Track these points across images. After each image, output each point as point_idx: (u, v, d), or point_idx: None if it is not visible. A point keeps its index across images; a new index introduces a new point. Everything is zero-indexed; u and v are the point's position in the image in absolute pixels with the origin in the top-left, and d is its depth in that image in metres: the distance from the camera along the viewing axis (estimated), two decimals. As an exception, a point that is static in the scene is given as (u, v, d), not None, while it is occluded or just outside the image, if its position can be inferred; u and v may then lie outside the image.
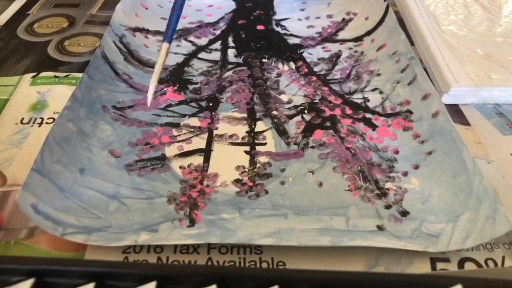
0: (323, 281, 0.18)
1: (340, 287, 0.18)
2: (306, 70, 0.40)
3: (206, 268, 0.22)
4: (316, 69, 0.40)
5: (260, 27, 0.46)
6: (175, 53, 0.42)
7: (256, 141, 0.33)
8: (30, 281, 0.19)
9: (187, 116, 0.35)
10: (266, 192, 0.29)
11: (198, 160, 0.31)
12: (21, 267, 0.19)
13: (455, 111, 0.36)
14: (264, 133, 0.33)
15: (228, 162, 0.31)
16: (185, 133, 0.33)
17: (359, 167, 0.30)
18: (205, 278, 0.18)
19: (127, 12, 0.44)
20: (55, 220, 0.25)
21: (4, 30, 0.46)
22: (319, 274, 0.19)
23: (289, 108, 0.36)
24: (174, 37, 0.44)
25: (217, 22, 0.47)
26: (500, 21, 0.45)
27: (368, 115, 0.35)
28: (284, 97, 0.37)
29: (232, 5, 0.49)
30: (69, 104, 0.31)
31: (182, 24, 0.46)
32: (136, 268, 0.20)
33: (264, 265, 0.25)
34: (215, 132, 0.33)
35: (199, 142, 0.33)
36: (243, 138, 0.33)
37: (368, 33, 0.43)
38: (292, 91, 0.37)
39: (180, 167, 0.30)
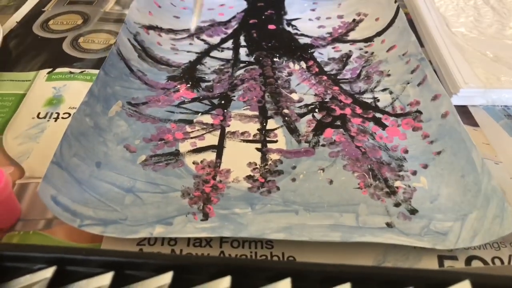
0: (335, 274, 0.19)
1: (350, 280, 0.19)
2: (317, 69, 0.40)
3: (222, 259, 0.23)
4: (326, 68, 0.41)
5: (271, 27, 0.47)
6: (188, 51, 0.42)
7: (268, 139, 0.33)
8: (51, 269, 0.19)
9: (200, 113, 0.35)
10: (278, 188, 0.29)
11: (211, 156, 0.32)
12: (43, 255, 0.20)
13: (464, 112, 0.36)
14: (275, 131, 0.34)
15: (240, 158, 0.32)
16: (198, 130, 0.34)
17: (369, 166, 0.31)
18: (221, 269, 0.19)
19: (141, 10, 0.45)
20: (73, 212, 0.26)
21: (20, 27, 0.47)
22: (331, 267, 0.19)
23: (300, 107, 0.36)
24: (186, 35, 0.45)
25: (229, 21, 0.47)
26: (510, 23, 0.45)
27: (378, 115, 0.35)
28: (295, 96, 0.37)
29: (244, 5, 0.50)
30: (86, 99, 0.32)
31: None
32: (153, 258, 0.20)
33: (275, 259, 0.26)
34: (227, 129, 0.34)
35: (212, 138, 0.33)
36: (254, 135, 0.34)
37: (379, 34, 0.44)
38: (303, 90, 0.38)
39: (194, 163, 0.31)
